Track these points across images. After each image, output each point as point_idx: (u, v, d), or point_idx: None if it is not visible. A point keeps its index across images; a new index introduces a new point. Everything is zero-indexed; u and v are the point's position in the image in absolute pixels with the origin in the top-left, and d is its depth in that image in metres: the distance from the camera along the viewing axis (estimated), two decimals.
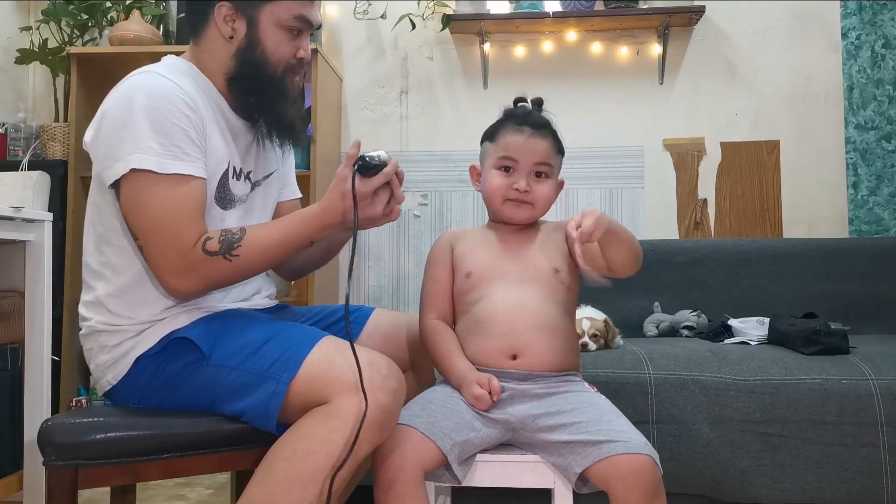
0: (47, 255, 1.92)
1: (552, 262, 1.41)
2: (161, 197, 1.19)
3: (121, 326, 1.27)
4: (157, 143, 1.19)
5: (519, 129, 1.41)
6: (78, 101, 2.76)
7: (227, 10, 1.31)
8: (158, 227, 1.19)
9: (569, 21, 2.85)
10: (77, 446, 1.13)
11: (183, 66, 1.34)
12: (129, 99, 1.21)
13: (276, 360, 1.18)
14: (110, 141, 1.21)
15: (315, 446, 1.10)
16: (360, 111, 3.04)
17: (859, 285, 2.45)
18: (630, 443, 1.19)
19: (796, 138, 2.90)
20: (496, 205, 1.43)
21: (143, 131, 1.18)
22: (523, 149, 1.39)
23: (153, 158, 1.18)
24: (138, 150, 1.18)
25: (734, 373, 1.77)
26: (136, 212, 1.21)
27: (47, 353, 1.91)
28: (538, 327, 1.35)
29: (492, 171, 1.42)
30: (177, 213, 1.20)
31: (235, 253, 1.22)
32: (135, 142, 1.18)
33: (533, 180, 1.41)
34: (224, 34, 1.32)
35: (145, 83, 1.24)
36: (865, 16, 2.85)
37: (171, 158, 1.20)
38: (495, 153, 1.42)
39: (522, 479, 1.30)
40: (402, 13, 2.88)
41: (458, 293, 1.43)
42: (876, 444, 1.69)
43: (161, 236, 1.20)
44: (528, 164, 1.40)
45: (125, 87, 1.24)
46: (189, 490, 2.31)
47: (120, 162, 1.19)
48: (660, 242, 2.63)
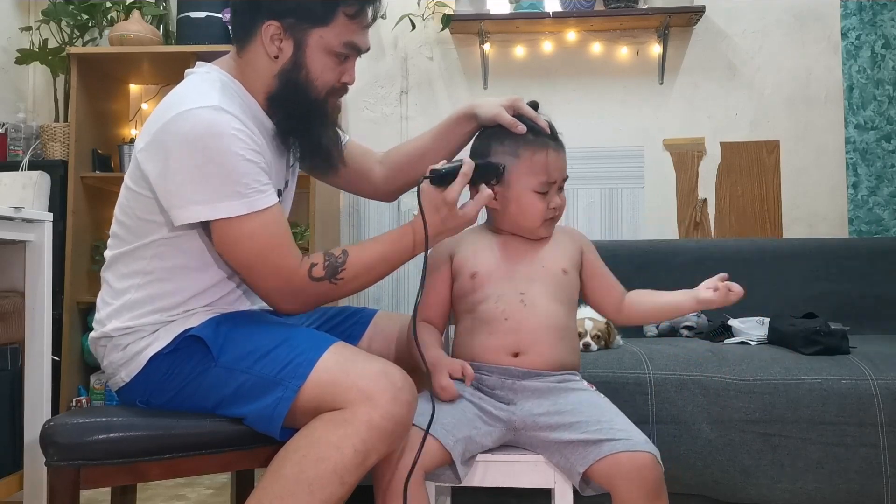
0: (47, 256, 1.92)
1: (560, 263, 1.42)
2: (251, 234, 1.20)
3: (136, 328, 1.27)
4: (239, 185, 1.18)
5: (544, 147, 1.37)
6: (78, 101, 2.76)
7: (275, 30, 1.27)
8: (256, 262, 1.22)
9: (569, 21, 2.85)
10: (79, 446, 1.13)
11: (228, 85, 1.30)
12: (199, 138, 1.17)
13: (285, 365, 1.17)
14: (181, 181, 1.19)
15: (325, 452, 1.10)
16: (360, 111, 3.05)
17: (859, 285, 2.45)
18: (631, 440, 1.19)
19: (796, 138, 2.90)
20: (535, 226, 1.40)
21: (222, 176, 1.18)
22: (556, 167, 1.37)
23: (238, 203, 1.18)
24: (225, 198, 1.18)
25: (734, 373, 1.78)
26: (231, 250, 1.22)
27: (47, 353, 1.91)
28: (543, 327, 1.35)
29: (531, 194, 1.37)
30: (271, 245, 1.22)
31: (340, 277, 1.26)
32: (215, 188, 1.18)
33: (558, 192, 1.41)
34: (269, 53, 1.29)
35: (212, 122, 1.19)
36: (865, 16, 2.85)
37: (255, 193, 1.20)
38: (530, 174, 1.36)
39: (523, 478, 1.30)
40: (402, 13, 2.88)
41: (462, 294, 1.42)
42: (876, 444, 1.69)
43: (262, 269, 1.23)
44: (559, 180, 1.40)
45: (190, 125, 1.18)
46: (189, 490, 2.31)
47: (201, 206, 1.18)
48: (660, 242, 2.63)
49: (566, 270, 1.41)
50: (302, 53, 1.29)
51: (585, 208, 2.93)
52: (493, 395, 1.33)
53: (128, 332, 1.27)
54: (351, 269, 1.26)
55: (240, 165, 1.19)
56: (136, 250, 1.28)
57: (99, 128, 2.92)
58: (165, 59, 2.81)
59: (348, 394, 1.12)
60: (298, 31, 1.28)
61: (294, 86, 1.30)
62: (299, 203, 2.96)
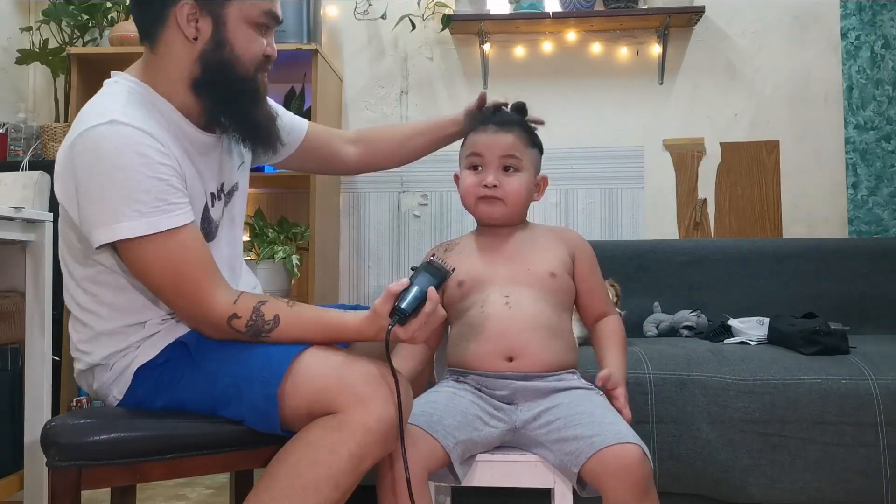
0: (48, 256, 1.92)
1: (549, 266, 1.42)
2: (162, 255, 1.15)
3: (120, 350, 1.27)
4: (139, 203, 1.13)
5: (484, 127, 1.45)
6: (78, 101, 2.75)
7: (190, 9, 1.22)
8: (169, 285, 1.17)
9: (569, 21, 2.85)
10: (81, 447, 1.13)
11: (136, 92, 1.24)
12: (97, 159, 1.13)
13: (263, 364, 1.16)
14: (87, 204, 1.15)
15: (320, 457, 1.09)
16: (360, 111, 3.04)
17: (859, 285, 2.45)
18: (619, 434, 1.19)
19: (796, 138, 2.90)
20: (471, 205, 1.46)
21: (124, 195, 1.12)
22: (488, 143, 1.42)
23: (140, 222, 1.13)
24: (124, 218, 1.12)
25: (734, 373, 1.78)
26: (143, 274, 1.18)
27: (47, 353, 1.91)
28: (531, 328, 1.35)
29: (463, 171, 1.47)
30: (183, 267, 1.16)
31: (264, 336, 1.19)
32: (116, 208, 1.12)
33: (502, 175, 1.42)
34: (188, 35, 1.23)
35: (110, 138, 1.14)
36: (865, 16, 2.85)
37: (160, 214, 1.14)
38: (463, 154, 1.48)
39: (522, 479, 1.31)
40: (402, 13, 2.88)
41: (451, 303, 1.43)
42: (876, 444, 1.69)
43: (174, 296, 1.18)
44: (495, 159, 1.42)
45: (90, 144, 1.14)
46: (189, 490, 2.31)
47: (103, 228, 1.14)
48: (660, 242, 2.63)
49: (554, 274, 1.41)
50: (223, 29, 1.24)
51: (585, 208, 2.93)
52: (494, 395, 1.34)
53: (113, 355, 1.27)
54: (276, 335, 1.19)
55: (141, 182, 1.13)
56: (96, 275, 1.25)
57: None
58: None
59: (342, 397, 1.11)
60: (215, 6, 1.23)
61: (219, 65, 1.25)
62: (299, 203, 2.97)
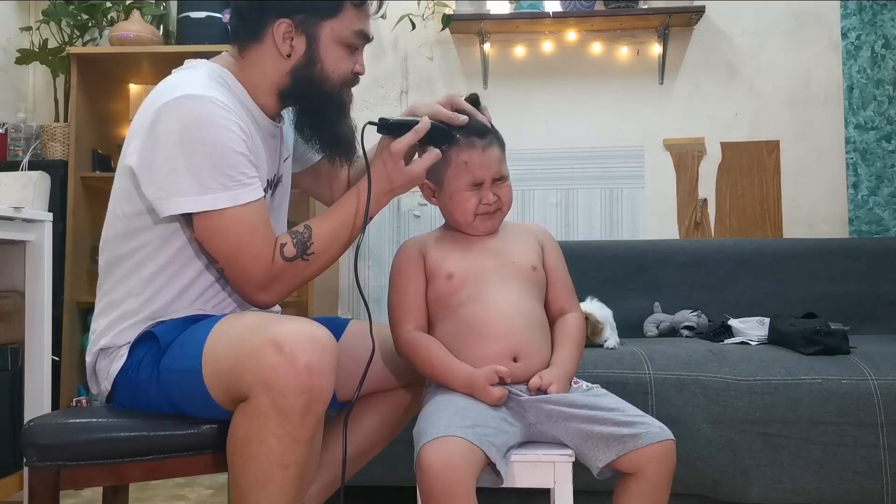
0: (47, 256, 1.93)
1: (529, 260, 1.41)
2: (234, 224, 1.21)
3: (116, 346, 1.28)
4: (224, 177, 1.18)
5: (470, 145, 1.37)
6: (78, 101, 2.76)
7: (287, 28, 1.28)
8: (237, 250, 1.22)
9: (569, 21, 2.85)
10: (59, 447, 1.13)
11: (217, 74, 1.30)
12: (185, 129, 1.17)
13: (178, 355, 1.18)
14: (166, 171, 1.18)
15: (252, 450, 1.09)
16: (360, 111, 3.03)
17: (859, 285, 2.45)
18: (663, 430, 1.23)
19: (796, 138, 2.90)
20: (466, 222, 1.40)
21: (207, 168, 1.17)
22: (483, 164, 1.37)
23: (224, 195, 1.19)
24: (209, 190, 1.18)
25: (734, 373, 1.78)
26: (212, 240, 1.22)
27: (47, 353, 1.92)
28: (532, 326, 1.34)
29: (462, 192, 1.38)
30: (253, 234, 1.22)
31: (311, 251, 1.26)
32: (200, 179, 1.18)
33: (496, 187, 1.40)
34: (282, 52, 1.29)
35: (198, 110, 1.19)
36: (865, 16, 2.85)
37: (239, 187, 1.20)
38: (458, 176, 1.38)
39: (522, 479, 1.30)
40: (402, 13, 2.88)
41: (438, 297, 1.38)
42: (876, 444, 1.69)
43: (242, 258, 1.23)
44: (490, 176, 1.38)
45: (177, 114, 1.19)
46: (189, 490, 2.31)
47: (184, 198, 1.18)
48: (660, 242, 2.63)
49: (535, 267, 1.41)
50: (315, 48, 1.30)
51: (585, 208, 2.93)
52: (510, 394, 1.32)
53: (111, 348, 1.28)
54: (318, 241, 1.27)
55: (227, 156, 1.19)
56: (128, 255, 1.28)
57: (99, 128, 2.91)
58: (165, 60, 2.81)
59: (244, 383, 1.09)
60: (309, 25, 1.29)
61: (308, 81, 1.31)
62: (299, 203, 2.97)
